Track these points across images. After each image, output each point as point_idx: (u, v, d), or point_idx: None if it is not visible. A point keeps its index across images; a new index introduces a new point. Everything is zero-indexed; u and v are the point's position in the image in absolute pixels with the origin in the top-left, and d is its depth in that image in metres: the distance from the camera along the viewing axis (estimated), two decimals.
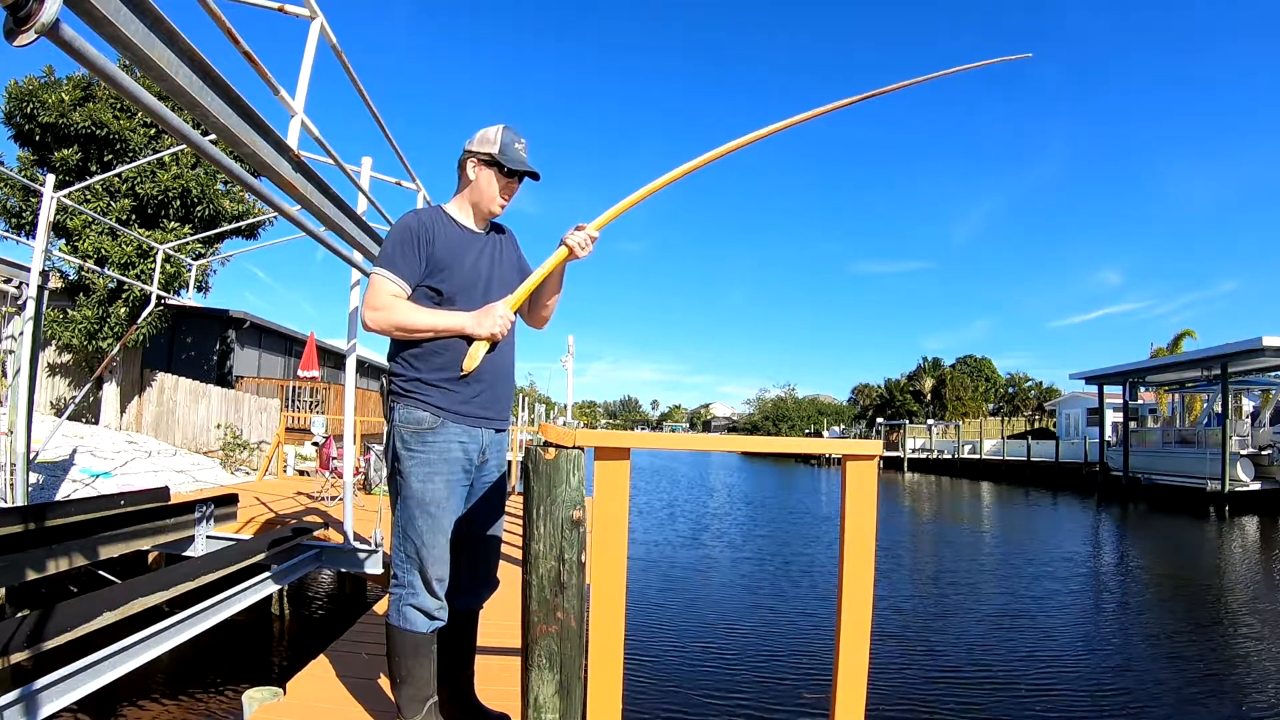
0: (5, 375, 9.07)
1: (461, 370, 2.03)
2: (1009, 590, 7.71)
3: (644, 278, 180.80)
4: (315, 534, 5.16)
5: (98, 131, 11.15)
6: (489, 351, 2.07)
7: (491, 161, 2.08)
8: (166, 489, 6.06)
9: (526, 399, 50.62)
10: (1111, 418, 25.25)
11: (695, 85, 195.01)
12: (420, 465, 2.00)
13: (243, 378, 17.61)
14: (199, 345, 17.28)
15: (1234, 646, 5.80)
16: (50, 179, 6.05)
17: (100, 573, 5.09)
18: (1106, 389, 24.42)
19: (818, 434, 55.30)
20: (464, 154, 2.13)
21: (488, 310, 2.05)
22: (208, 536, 5.06)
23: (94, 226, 11.27)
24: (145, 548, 4.75)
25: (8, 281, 8.10)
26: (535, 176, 2.15)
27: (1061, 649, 5.57)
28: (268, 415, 15.23)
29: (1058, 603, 7.17)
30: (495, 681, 2.66)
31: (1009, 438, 33.94)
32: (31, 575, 3.67)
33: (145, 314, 8.82)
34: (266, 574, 4.23)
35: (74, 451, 9.97)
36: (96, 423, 13.20)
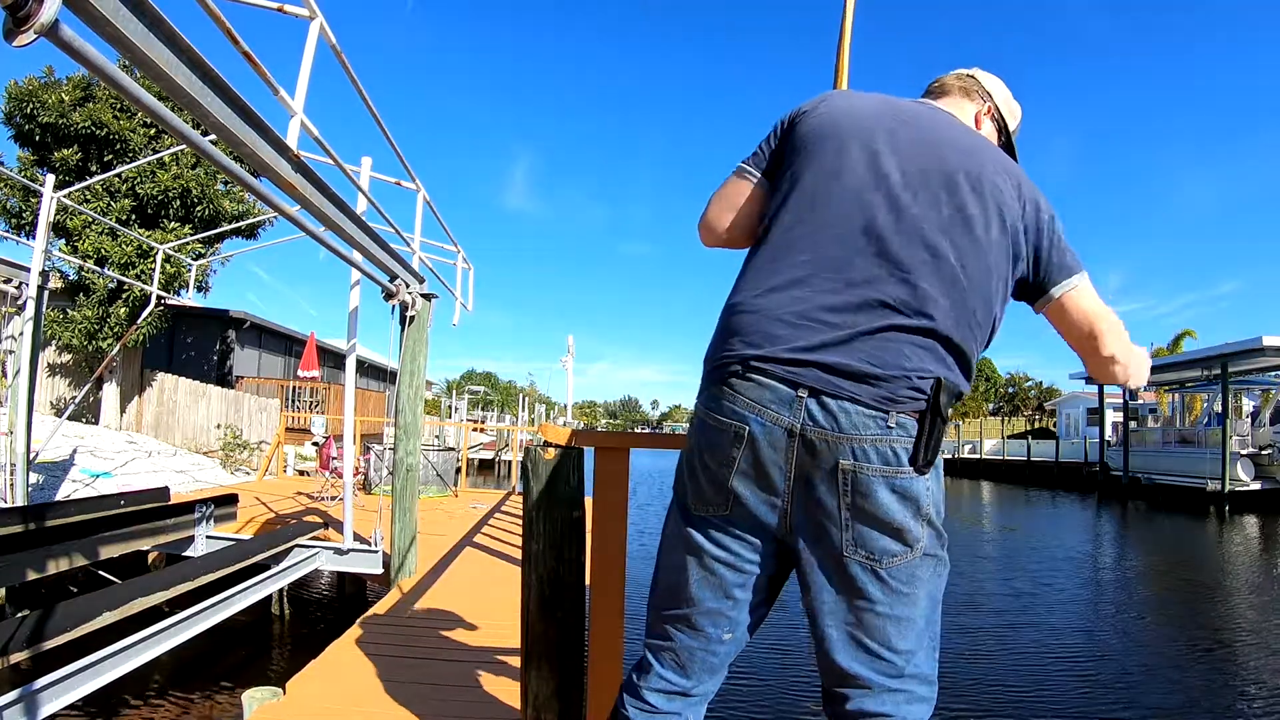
0: (5, 375, 9.07)
1: None
2: (1009, 590, 7.71)
3: (646, 278, 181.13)
4: (315, 534, 5.17)
5: (98, 131, 11.15)
6: None
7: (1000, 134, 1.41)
8: (166, 489, 6.07)
9: (527, 399, 50.75)
10: (1111, 417, 25.25)
11: (697, 82, 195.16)
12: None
13: (243, 378, 17.61)
14: (199, 345, 17.29)
15: (1235, 647, 5.80)
16: (50, 179, 6.05)
17: (100, 573, 5.09)
18: (1106, 389, 24.39)
19: None
20: (986, 99, 1.40)
21: None
22: (208, 536, 5.06)
23: (94, 226, 11.28)
24: (145, 548, 4.76)
25: (8, 281, 8.10)
26: None
27: (1063, 649, 5.57)
28: (268, 415, 15.23)
29: (1058, 602, 7.17)
30: (495, 682, 2.66)
31: (1009, 437, 33.93)
32: (31, 575, 3.67)
33: (145, 314, 8.82)
34: (266, 574, 4.24)
35: (74, 451, 9.96)
36: (96, 423, 13.20)
